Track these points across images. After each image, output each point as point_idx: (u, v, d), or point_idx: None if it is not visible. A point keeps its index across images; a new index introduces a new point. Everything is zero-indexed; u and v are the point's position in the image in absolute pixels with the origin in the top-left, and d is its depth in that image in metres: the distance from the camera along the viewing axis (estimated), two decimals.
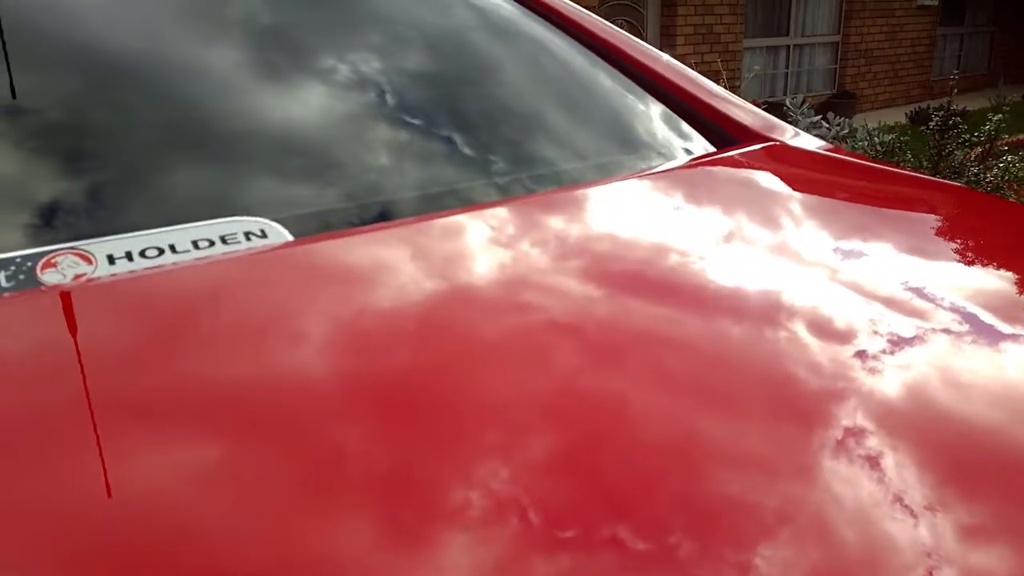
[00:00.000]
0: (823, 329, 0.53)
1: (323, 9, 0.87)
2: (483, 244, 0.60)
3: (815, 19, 8.60)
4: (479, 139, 0.80)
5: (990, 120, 4.68)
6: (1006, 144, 4.76)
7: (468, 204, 0.68)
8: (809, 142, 1.07)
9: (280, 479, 0.36)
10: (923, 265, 0.69)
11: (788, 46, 8.47)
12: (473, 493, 0.36)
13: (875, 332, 0.53)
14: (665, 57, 1.17)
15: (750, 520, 0.37)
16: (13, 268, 0.47)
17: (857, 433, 0.43)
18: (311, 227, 0.57)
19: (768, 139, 1.03)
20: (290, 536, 0.33)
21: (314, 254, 0.55)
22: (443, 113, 0.80)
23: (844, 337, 0.52)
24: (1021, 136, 5.40)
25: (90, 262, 0.49)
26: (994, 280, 0.69)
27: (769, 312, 0.56)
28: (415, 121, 0.76)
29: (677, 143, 1.01)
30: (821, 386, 0.47)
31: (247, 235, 0.55)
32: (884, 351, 0.51)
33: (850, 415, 0.44)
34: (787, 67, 8.51)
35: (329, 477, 0.36)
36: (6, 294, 0.46)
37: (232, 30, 0.75)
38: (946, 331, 0.54)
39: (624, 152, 0.96)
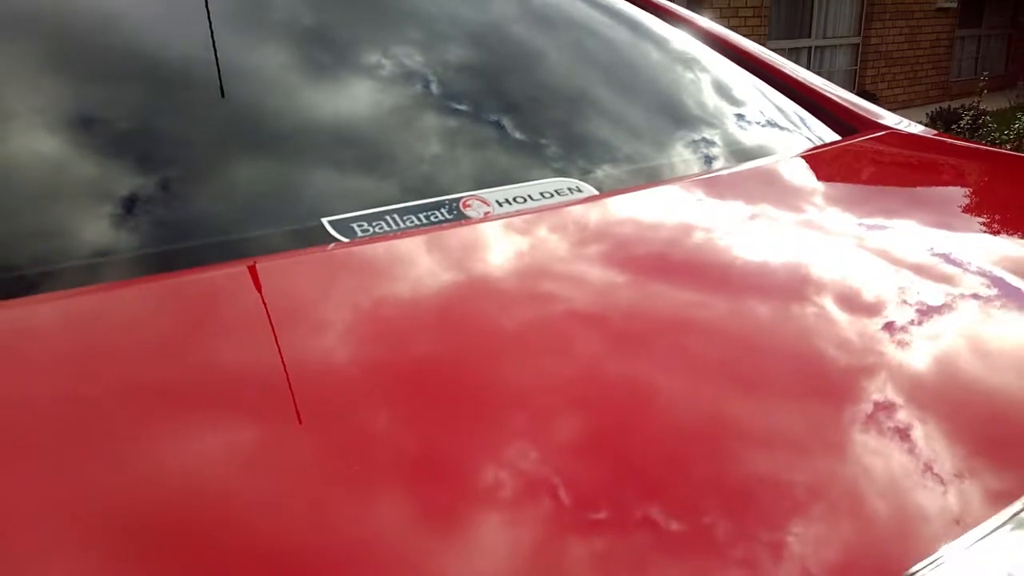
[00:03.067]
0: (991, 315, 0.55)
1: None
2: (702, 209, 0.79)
3: (836, 21, 8.78)
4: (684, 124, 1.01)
5: (1019, 119, 4.84)
6: None
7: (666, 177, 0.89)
8: (916, 128, 1.26)
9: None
10: None
11: (810, 47, 8.65)
12: (551, 477, 0.38)
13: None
14: (781, 59, 1.37)
15: (782, 499, 0.38)
16: (447, 206, 0.67)
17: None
18: (610, 185, 0.78)
19: (883, 127, 1.22)
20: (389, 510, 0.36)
21: (614, 205, 0.75)
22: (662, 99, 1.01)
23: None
24: None
25: (488, 204, 0.69)
26: None
27: (946, 288, 0.59)
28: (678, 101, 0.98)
29: (808, 131, 1.21)
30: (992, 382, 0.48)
31: (570, 190, 0.75)
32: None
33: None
34: (808, 68, 8.67)
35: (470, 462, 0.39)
36: (443, 223, 0.66)
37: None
38: None
39: (765, 139, 1.16)
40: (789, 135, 1.17)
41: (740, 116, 1.15)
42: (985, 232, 0.78)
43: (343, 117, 0.74)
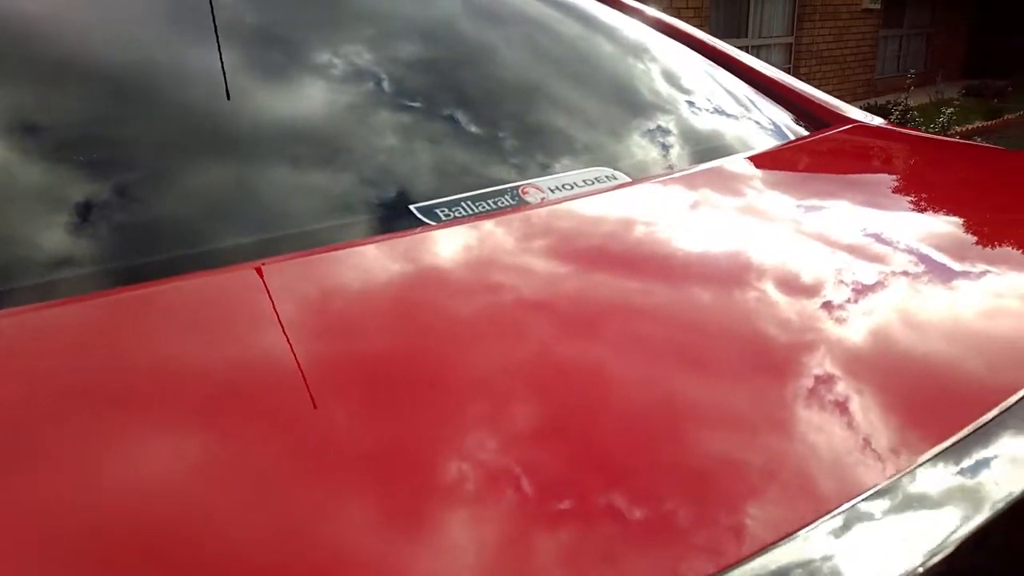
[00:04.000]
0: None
1: None
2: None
3: (771, 21, 9.14)
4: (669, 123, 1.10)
5: (943, 113, 5.17)
6: (957, 134, 5.27)
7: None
8: (878, 122, 1.39)
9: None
10: None
11: (747, 47, 8.97)
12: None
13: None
14: (755, 59, 1.49)
15: (738, 476, 0.40)
16: (509, 193, 0.75)
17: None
18: (641, 174, 0.87)
19: (852, 121, 1.35)
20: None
21: (645, 190, 0.84)
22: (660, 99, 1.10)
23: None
24: (969, 127, 6.00)
25: (542, 191, 0.77)
26: None
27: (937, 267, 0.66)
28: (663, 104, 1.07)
29: (784, 125, 1.32)
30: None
31: (607, 177, 0.84)
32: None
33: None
34: None
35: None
36: (509, 208, 0.74)
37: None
38: None
39: (747, 133, 1.27)
40: (768, 129, 1.28)
41: (727, 113, 1.26)
42: (954, 213, 0.88)
43: (419, 120, 0.83)
